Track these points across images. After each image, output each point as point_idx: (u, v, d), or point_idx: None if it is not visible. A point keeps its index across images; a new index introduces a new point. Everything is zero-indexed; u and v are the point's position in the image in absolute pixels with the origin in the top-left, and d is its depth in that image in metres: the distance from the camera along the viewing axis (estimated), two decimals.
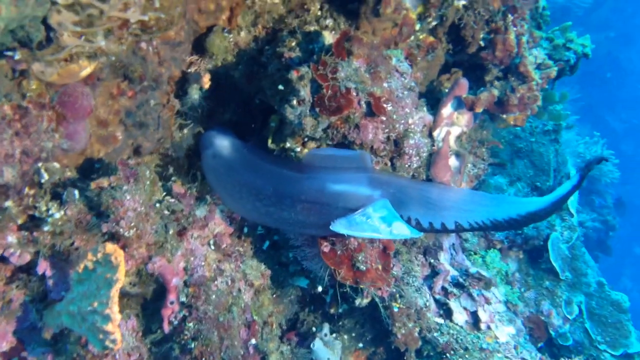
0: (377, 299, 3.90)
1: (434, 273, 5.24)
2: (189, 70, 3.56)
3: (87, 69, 2.38)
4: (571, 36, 4.04)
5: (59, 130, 2.53)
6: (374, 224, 3.06)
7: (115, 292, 2.40)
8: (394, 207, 3.26)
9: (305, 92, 3.08)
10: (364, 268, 3.61)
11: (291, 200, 3.22)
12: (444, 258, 5.39)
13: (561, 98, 5.00)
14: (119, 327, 2.42)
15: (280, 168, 3.35)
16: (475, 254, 6.04)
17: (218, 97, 3.85)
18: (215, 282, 3.26)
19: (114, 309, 2.37)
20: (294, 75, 3.09)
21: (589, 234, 10.22)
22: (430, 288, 5.14)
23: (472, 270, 5.47)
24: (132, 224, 2.77)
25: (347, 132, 3.35)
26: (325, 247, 3.53)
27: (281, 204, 3.24)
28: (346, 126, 3.32)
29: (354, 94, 3.16)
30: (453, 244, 5.67)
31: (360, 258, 3.60)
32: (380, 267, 3.79)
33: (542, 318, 6.66)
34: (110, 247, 2.48)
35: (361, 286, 3.62)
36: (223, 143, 3.54)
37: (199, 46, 3.64)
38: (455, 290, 5.15)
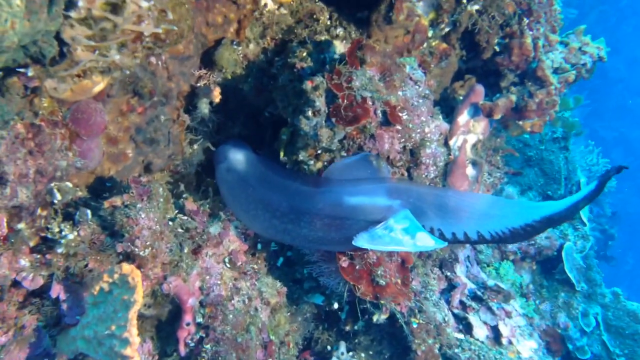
0: (398, 315, 3.84)
1: (451, 286, 5.19)
2: (198, 84, 3.54)
3: (100, 84, 2.35)
4: (586, 39, 4.02)
5: (73, 148, 2.50)
6: (397, 236, 3.00)
7: (133, 315, 2.35)
8: (415, 217, 3.21)
9: (320, 102, 3.06)
10: (384, 283, 3.56)
11: (309, 216, 3.17)
12: (460, 271, 5.34)
13: (575, 103, 4.98)
14: (137, 352, 2.37)
15: (295, 182, 3.31)
16: (488, 265, 6.00)
17: (227, 110, 3.83)
18: (232, 301, 3.20)
19: (132, 332, 2.32)
20: (308, 85, 3.07)
21: None
22: (448, 302, 5.08)
23: (490, 282, 5.42)
24: (148, 243, 2.73)
25: (363, 143, 3.32)
26: (344, 262, 3.48)
27: (299, 221, 3.19)
28: (362, 136, 3.29)
29: (370, 103, 3.13)
30: (468, 256, 5.62)
31: (379, 272, 3.55)
32: (399, 281, 3.75)
33: (559, 331, 6.59)
34: (126, 267, 2.44)
35: (381, 302, 3.57)
36: (237, 157, 3.51)
37: (208, 60, 3.63)
38: (474, 304, 5.09)
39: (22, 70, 2.02)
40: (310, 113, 3.09)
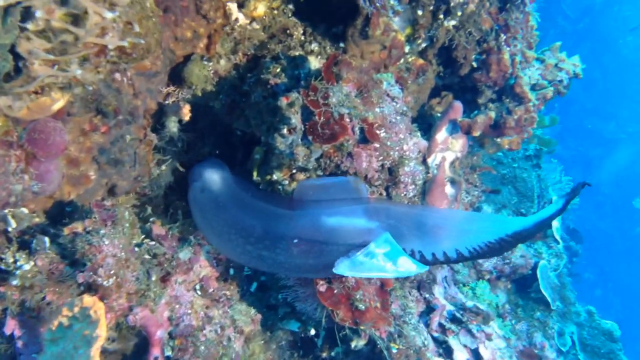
0: (378, 340, 3.71)
1: (430, 309, 5.09)
2: (166, 102, 3.39)
3: (60, 101, 2.19)
4: (562, 56, 4.01)
5: (29, 171, 2.32)
6: (379, 262, 2.89)
7: (96, 352, 2.18)
8: (395, 239, 3.10)
9: (296, 119, 2.94)
10: (363, 307, 3.44)
11: (285, 242, 3.03)
12: (438, 292, 5.25)
13: (551, 122, 4.96)
14: None
15: (270, 205, 3.18)
16: (465, 285, 5.93)
17: (197, 129, 3.69)
18: (204, 331, 3.04)
19: None
20: (283, 102, 2.95)
21: None
22: (427, 325, 4.97)
23: (469, 304, 5.34)
24: (112, 272, 2.55)
25: (341, 161, 3.21)
26: (322, 287, 3.35)
27: (274, 247, 3.05)
28: (339, 155, 3.18)
29: (348, 120, 3.03)
30: (445, 277, 5.54)
31: (358, 297, 3.43)
32: (379, 305, 3.63)
33: (536, 351, 6.55)
34: (88, 299, 2.27)
35: (361, 327, 3.44)
36: (213, 177, 3.37)
37: (176, 76, 3.48)
38: (453, 327, 4.99)
39: None
40: (285, 131, 2.96)
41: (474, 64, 3.69)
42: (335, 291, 3.40)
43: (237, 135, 3.93)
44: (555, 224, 7.68)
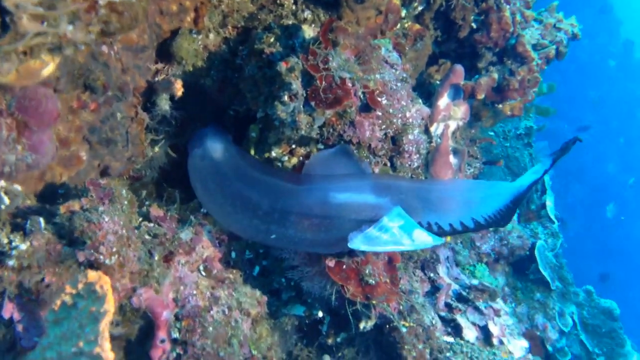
0: (392, 316, 3.63)
1: (435, 288, 5.03)
2: (156, 79, 3.29)
3: (49, 65, 2.09)
4: (560, 16, 3.96)
5: (21, 141, 2.21)
6: (395, 235, 2.83)
7: (105, 327, 2.08)
8: (407, 214, 3.04)
9: (297, 85, 2.86)
10: (374, 282, 3.37)
11: (295, 216, 2.96)
12: (442, 271, 5.20)
13: (549, 89, 4.93)
14: None
15: (276, 179, 3.09)
16: (464, 268, 5.90)
17: (188, 108, 3.58)
18: (211, 312, 2.93)
19: (105, 347, 2.05)
20: (282, 67, 2.87)
21: None
22: (433, 305, 4.91)
23: (474, 281, 5.30)
24: (114, 250, 2.45)
25: (343, 130, 3.15)
26: (330, 262, 3.27)
27: (284, 221, 2.98)
28: (342, 123, 3.12)
29: (350, 84, 2.96)
30: (447, 257, 5.49)
31: (367, 271, 3.36)
32: (388, 280, 3.56)
33: (538, 333, 6.53)
34: (93, 274, 2.16)
35: (373, 302, 3.36)
36: (215, 144, 3.28)
37: (164, 52, 3.39)
38: (460, 305, 4.94)
39: None
40: (286, 97, 2.88)
41: (473, 25, 3.63)
42: (344, 266, 3.33)
43: (230, 115, 3.84)
44: (549, 203, 7.69)
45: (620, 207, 22.67)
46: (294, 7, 3.50)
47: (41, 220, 2.48)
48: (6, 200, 2.30)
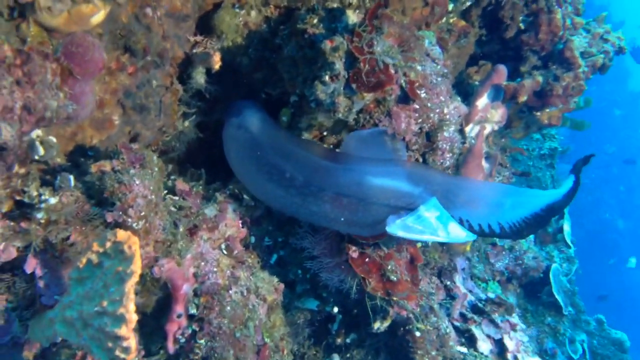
0: (414, 314, 3.59)
1: (450, 297, 4.98)
2: (194, 51, 3.27)
3: (100, 12, 2.08)
4: (608, 27, 3.92)
5: (64, 89, 2.19)
6: (432, 225, 2.81)
7: (130, 288, 2.05)
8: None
9: (339, 65, 2.83)
10: (395, 279, 3.33)
11: (328, 193, 2.96)
12: (459, 280, 5.15)
13: (585, 103, 4.88)
14: (134, 333, 2.06)
15: (314, 156, 3.09)
16: (477, 284, 5.85)
17: (223, 85, 3.56)
18: (230, 292, 2.91)
19: (129, 308, 2.02)
20: (327, 45, 2.84)
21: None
22: (448, 314, 4.86)
23: (491, 294, 5.25)
24: (142, 214, 2.43)
25: (379, 120, 3.12)
26: (354, 253, 3.24)
27: (317, 198, 2.98)
28: (379, 111, 3.09)
29: (393, 71, 2.93)
30: (464, 268, 5.44)
31: (390, 267, 3.33)
32: (409, 279, 3.52)
33: (547, 358, 6.45)
34: (122, 233, 2.14)
35: (394, 298, 3.32)
36: (253, 116, 3.27)
37: (204, 25, 3.38)
38: (475, 317, 4.89)
39: None
40: (327, 77, 2.85)
41: (521, 26, 3.60)
42: (367, 259, 3.30)
43: (262, 98, 3.82)
44: (566, 227, 7.62)
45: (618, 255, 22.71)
46: None
47: (71, 177, 2.47)
48: (41, 150, 2.28)
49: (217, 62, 3.20)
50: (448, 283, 4.98)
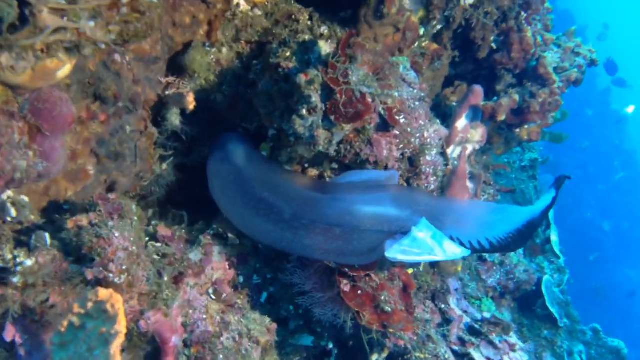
0: (411, 345, 3.50)
1: (446, 320, 4.89)
2: (167, 92, 3.21)
3: (66, 66, 2.00)
4: (578, 41, 3.94)
5: (33, 147, 2.10)
6: (429, 246, 2.76)
7: (116, 349, 1.95)
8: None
9: (316, 98, 2.78)
10: (390, 309, 3.25)
11: (317, 225, 2.90)
12: (453, 303, 5.07)
13: (562, 116, 4.89)
14: None
15: (302, 187, 3.03)
16: (471, 302, 5.79)
17: (198, 124, 3.49)
18: (221, 339, 2.81)
19: None
20: (302, 79, 2.79)
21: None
22: (445, 338, 4.77)
23: (486, 314, 5.18)
24: (124, 267, 2.33)
25: (360, 149, 3.07)
26: (345, 286, 3.16)
27: (307, 231, 2.91)
28: (359, 140, 3.04)
29: (370, 99, 2.88)
30: (457, 289, 5.38)
31: (383, 298, 3.25)
32: (403, 308, 3.44)
33: None
34: (104, 292, 2.05)
35: (390, 330, 3.24)
36: (237, 148, 3.22)
37: (175, 66, 3.32)
38: (473, 339, 4.80)
39: None
40: (305, 111, 2.80)
41: (493, 46, 3.59)
42: (360, 292, 3.22)
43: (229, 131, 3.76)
44: (554, 237, 7.61)
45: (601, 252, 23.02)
46: (309, 23, 3.46)
47: (47, 235, 2.37)
48: (13, 212, 2.18)
49: (191, 103, 3.14)
50: (443, 306, 4.90)
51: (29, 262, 2.21)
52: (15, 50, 1.77)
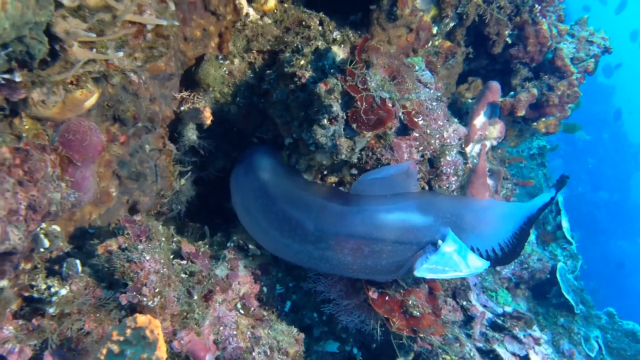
0: (442, 349, 3.54)
1: (468, 317, 4.92)
2: (182, 108, 3.23)
3: (94, 95, 2.02)
4: (591, 29, 3.95)
5: (64, 178, 2.12)
6: (454, 261, 2.79)
7: None
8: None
9: (337, 107, 2.80)
10: (418, 314, 3.28)
11: (342, 240, 2.90)
12: (474, 299, 5.10)
13: (577, 106, 4.91)
14: None
15: (325, 200, 3.03)
16: (487, 291, 5.82)
17: (214, 137, 3.52)
18: (253, 354, 2.84)
19: None
20: (322, 89, 2.81)
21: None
22: (469, 336, 4.80)
23: (507, 308, 5.21)
24: (157, 290, 2.36)
25: (381, 154, 3.09)
26: (374, 294, 3.19)
27: (333, 250, 2.91)
28: (380, 145, 3.06)
29: (390, 105, 2.90)
30: (475, 284, 5.41)
31: (411, 302, 3.28)
32: (430, 311, 3.47)
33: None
34: (142, 318, 2.07)
35: (420, 335, 3.27)
36: (261, 162, 3.22)
37: (188, 81, 3.34)
38: (496, 335, 4.83)
39: (6, 76, 1.67)
40: (326, 121, 2.82)
41: (508, 40, 3.60)
42: (387, 298, 3.25)
43: (254, 143, 3.78)
44: (565, 224, 7.64)
45: None
46: (320, 28, 3.47)
47: (77, 262, 2.40)
48: (46, 242, 2.21)
49: (208, 118, 3.16)
50: (464, 303, 4.92)
51: (64, 292, 2.24)
52: (47, 85, 1.79)
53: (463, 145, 3.61)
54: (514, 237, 3.27)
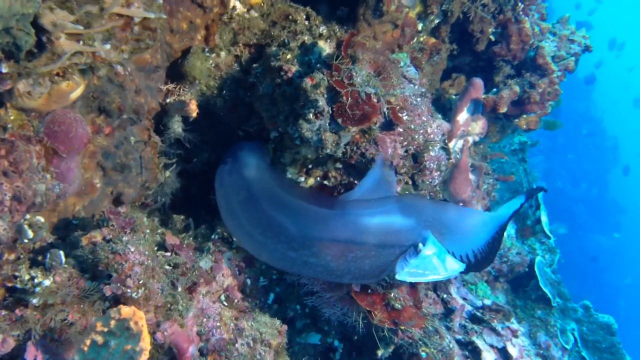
0: (422, 341, 3.57)
1: (448, 310, 4.97)
2: (168, 100, 3.21)
3: (79, 87, 2.01)
4: (572, 27, 3.99)
5: (49, 169, 2.11)
6: (433, 264, 2.82)
7: None
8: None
9: (323, 102, 2.81)
10: (400, 306, 3.31)
11: (322, 243, 2.89)
12: (454, 292, 5.15)
13: (557, 104, 4.96)
14: None
15: (308, 204, 3.03)
16: (470, 289, 5.87)
17: (199, 130, 3.51)
18: (236, 345, 2.84)
19: None
20: (308, 83, 2.82)
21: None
22: (449, 328, 4.85)
23: (487, 301, 5.27)
24: (141, 282, 2.36)
25: (366, 148, 3.10)
26: (356, 287, 3.21)
27: (317, 257, 2.91)
28: (365, 140, 3.08)
29: (375, 100, 2.92)
30: (456, 277, 5.45)
31: (393, 295, 3.31)
32: (412, 303, 3.50)
33: (541, 352, 6.51)
34: (127, 310, 2.07)
35: (401, 327, 3.30)
36: (247, 160, 3.20)
37: (174, 73, 3.32)
38: (475, 327, 4.88)
39: None
40: (312, 115, 2.83)
41: (492, 38, 3.63)
42: (369, 291, 3.27)
43: (239, 136, 3.78)
44: (544, 218, 7.73)
45: None
46: (307, 23, 3.47)
47: (61, 253, 2.38)
48: (30, 233, 2.19)
49: (194, 110, 3.15)
50: (445, 296, 4.97)
51: (47, 282, 2.23)
52: (33, 76, 1.78)
53: (446, 141, 3.64)
54: (487, 246, 3.29)
